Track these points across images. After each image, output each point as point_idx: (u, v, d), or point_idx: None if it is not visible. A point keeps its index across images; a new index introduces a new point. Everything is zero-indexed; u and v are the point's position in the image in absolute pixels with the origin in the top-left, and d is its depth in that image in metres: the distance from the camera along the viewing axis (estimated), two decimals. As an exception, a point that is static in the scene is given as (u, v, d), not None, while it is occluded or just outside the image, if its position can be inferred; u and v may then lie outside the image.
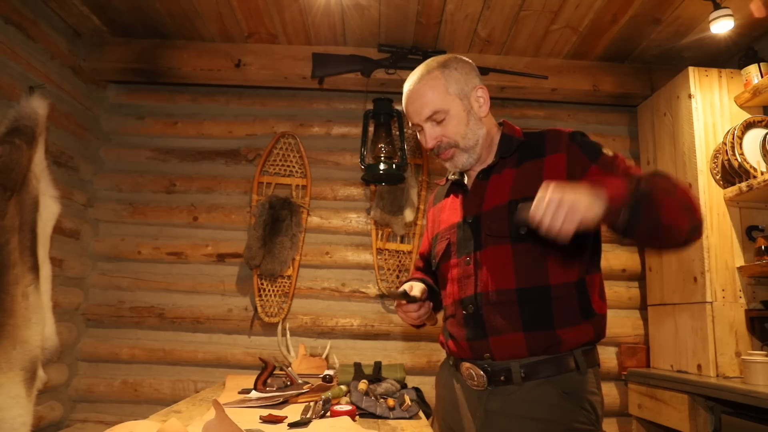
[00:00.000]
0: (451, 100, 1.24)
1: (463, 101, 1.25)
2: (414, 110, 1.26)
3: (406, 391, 1.86)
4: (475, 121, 1.26)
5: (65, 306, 2.62)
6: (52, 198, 2.16)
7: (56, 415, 2.57)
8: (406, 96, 1.28)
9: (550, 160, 1.20)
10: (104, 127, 2.97)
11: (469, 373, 1.24)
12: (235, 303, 2.83)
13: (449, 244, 1.31)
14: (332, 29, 2.65)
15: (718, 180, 2.39)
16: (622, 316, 2.85)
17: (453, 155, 1.27)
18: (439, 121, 1.24)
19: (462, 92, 1.25)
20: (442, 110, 1.23)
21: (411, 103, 1.27)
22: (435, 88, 1.23)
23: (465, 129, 1.25)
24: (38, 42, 2.38)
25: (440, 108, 1.23)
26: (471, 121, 1.25)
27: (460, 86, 1.25)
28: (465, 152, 1.26)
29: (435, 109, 1.23)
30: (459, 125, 1.24)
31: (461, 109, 1.24)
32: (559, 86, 2.83)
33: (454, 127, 1.24)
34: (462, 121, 1.24)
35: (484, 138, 1.28)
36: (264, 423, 1.40)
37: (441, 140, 1.25)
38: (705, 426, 2.11)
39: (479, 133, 1.27)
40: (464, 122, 1.25)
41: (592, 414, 1.16)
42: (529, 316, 1.16)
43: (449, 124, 1.24)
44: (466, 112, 1.25)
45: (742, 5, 2.29)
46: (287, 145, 2.97)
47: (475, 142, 1.26)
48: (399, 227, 2.81)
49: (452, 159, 1.28)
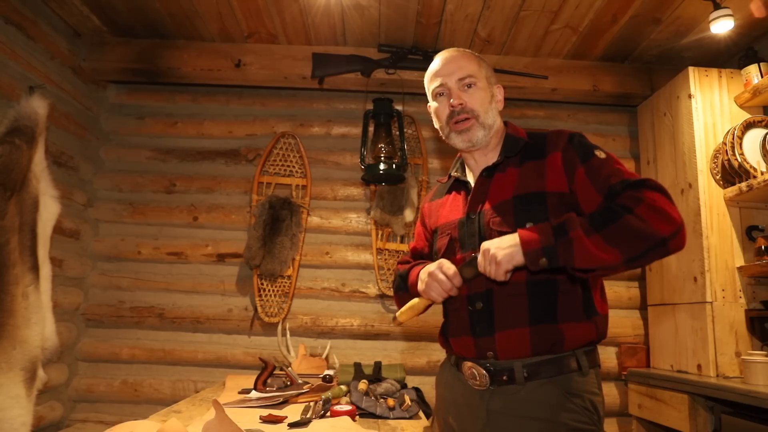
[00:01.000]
0: (482, 75, 1.33)
1: (490, 86, 1.34)
2: (447, 70, 1.32)
3: (406, 391, 1.86)
4: (494, 108, 1.34)
5: (65, 306, 2.62)
6: (52, 198, 2.16)
7: (56, 415, 2.57)
8: (442, 60, 1.35)
9: (551, 158, 1.23)
10: (104, 127, 2.97)
11: (471, 373, 1.23)
12: (235, 303, 2.83)
13: (452, 240, 1.31)
14: (332, 29, 2.65)
15: (718, 180, 2.39)
16: (622, 316, 2.85)
17: (471, 126, 1.29)
18: (468, 86, 1.30)
19: (490, 79, 1.35)
20: (475, 76, 1.30)
21: (446, 64, 1.33)
22: (471, 60, 1.33)
23: (487, 106, 1.31)
24: (38, 42, 2.38)
25: (474, 74, 1.30)
26: (492, 104, 1.33)
27: (489, 73, 1.36)
28: (482, 128, 1.30)
29: (470, 73, 1.30)
30: (484, 99, 1.31)
31: (487, 89, 1.33)
32: (559, 86, 2.83)
33: (480, 99, 1.30)
34: (486, 98, 1.32)
35: (496, 130, 1.33)
36: (264, 423, 1.40)
37: (465, 104, 1.29)
38: (705, 426, 2.11)
39: (496, 120, 1.34)
40: (488, 100, 1.32)
41: (594, 414, 1.17)
42: (536, 310, 1.17)
43: (476, 94, 1.30)
44: (491, 95, 1.34)
45: (742, 5, 2.29)
46: (287, 145, 2.97)
47: (493, 122, 1.32)
48: (399, 227, 2.81)
49: (469, 131, 1.29)
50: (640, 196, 1.08)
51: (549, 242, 1.07)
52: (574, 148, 1.22)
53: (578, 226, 1.07)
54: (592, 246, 1.05)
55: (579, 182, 1.18)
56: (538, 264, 1.08)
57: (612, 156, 1.21)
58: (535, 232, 1.10)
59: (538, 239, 1.08)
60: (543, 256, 1.07)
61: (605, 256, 1.05)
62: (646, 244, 1.05)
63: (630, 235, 1.05)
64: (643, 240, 1.05)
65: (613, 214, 1.07)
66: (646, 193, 1.08)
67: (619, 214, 1.07)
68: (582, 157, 1.20)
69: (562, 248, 1.06)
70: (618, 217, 1.06)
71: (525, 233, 1.11)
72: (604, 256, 1.05)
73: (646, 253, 1.06)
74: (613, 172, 1.16)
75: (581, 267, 1.06)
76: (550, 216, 1.17)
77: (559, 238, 1.07)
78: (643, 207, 1.06)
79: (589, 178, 1.17)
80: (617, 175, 1.15)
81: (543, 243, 1.07)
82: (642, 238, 1.05)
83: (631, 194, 1.09)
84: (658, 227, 1.05)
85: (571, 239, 1.06)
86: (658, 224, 1.05)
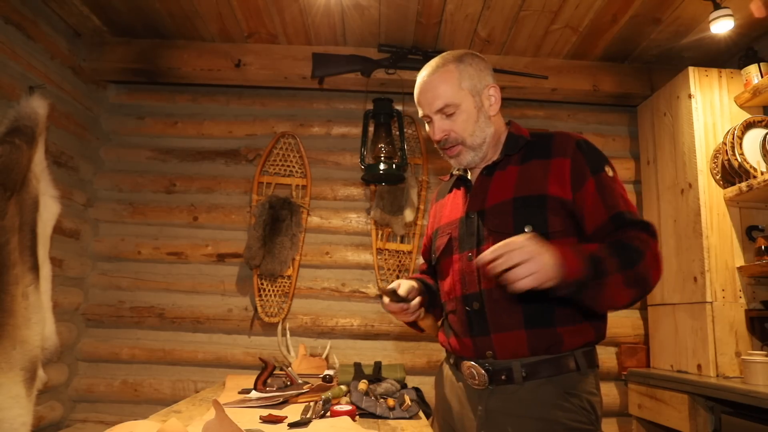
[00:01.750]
0: (464, 95, 1.25)
1: (475, 98, 1.26)
2: (425, 101, 1.27)
3: (406, 391, 1.86)
4: (484, 119, 1.27)
5: (65, 306, 2.62)
6: (52, 198, 2.16)
7: (56, 415, 2.57)
8: (419, 86, 1.29)
9: (556, 162, 1.21)
10: (104, 127, 2.97)
11: (470, 372, 1.24)
12: (235, 303, 2.83)
13: (450, 239, 1.31)
14: (332, 29, 2.65)
15: (718, 180, 2.39)
16: (622, 316, 2.85)
17: (459, 153, 1.28)
18: (449, 115, 1.25)
19: (474, 88, 1.26)
20: (453, 104, 1.24)
21: (423, 94, 1.28)
22: (448, 81, 1.25)
23: (473, 126, 1.26)
24: (38, 42, 2.38)
25: (452, 101, 1.24)
26: (480, 118, 1.27)
27: (473, 82, 1.26)
28: (471, 150, 1.27)
29: (446, 102, 1.24)
30: (468, 121, 1.25)
31: (472, 106, 1.26)
32: (559, 86, 2.83)
33: (463, 122, 1.25)
34: (471, 118, 1.26)
35: (492, 137, 1.29)
36: (264, 423, 1.40)
37: (449, 134, 1.26)
38: (705, 426, 2.11)
39: (487, 131, 1.28)
40: (473, 119, 1.26)
41: (592, 414, 1.17)
42: (531, 313, 1.17)
43: (458, 119, 1.25)
44: (477, 109, 1.26)
45: (742, 5, 2.29)
46: (287, 145, 2.97)
47: (482, 140, 1.27)
48: (399, 227, 2.81)
49: (458, 156, 1.28)
50: (648, 241, 1.10)
51: (584, 276, 1.03)
52: (585, 158, 1.20)
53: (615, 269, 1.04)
54: (615, 290, 1.06)
55: (588, 193, 1.16)
56: (562, 292, 1.04)
57: (617, 177, 1.22)
58: (576, 261, 1.03)
59: (580, 270, 1.02)
60: (573, 287, 1.03)
61: (619, 299, 1.08)
62: (644, 292, 1.10)
63: (640, 281, 1.08)
64: (644, 288, 1.09)
65: (633, 257, 1.07)
66: (650, 240, 1.11)
67: (637, 259, 1.07)
68: (593, 168, 1.19)
69: (592, 290, 1.04)
70: (637, 263, 1.07)
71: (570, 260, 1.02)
72: (618, 299, 1.08)
73: (638, 298, 1.11)
74: (622, 199, 1.17)
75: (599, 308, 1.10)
76: (549, 220, 1.17)
77: (592, 277, 1.03)
78: (650, 254, 1.09)
79: (599, 193, 1.16)
80: (625, 203, 1.17)
81: (579, 276, 1.02)
82: (644, 286, 1.09)
83: (640, 236, 1.11)
84: (654, 277, 1.10)
85: (604, 284, 1.04)
86: (655, 274, 1.10)
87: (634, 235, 1.10)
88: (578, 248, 1.08)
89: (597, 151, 1.23)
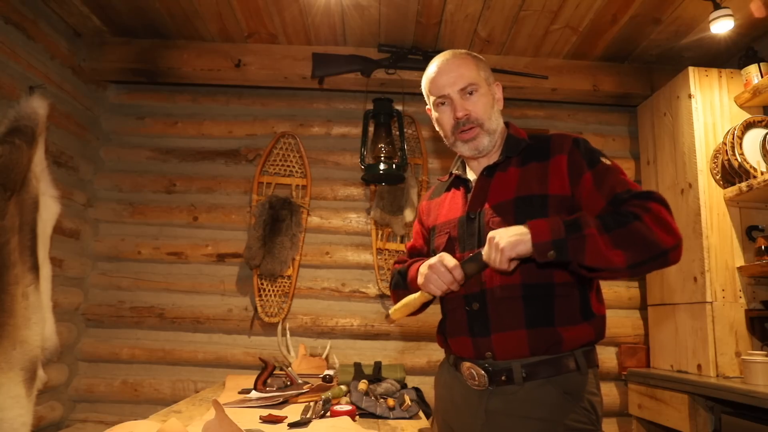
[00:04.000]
0: (482, 81, 1.30)
1: (490, 87, 1.32)
2: (447, 81, 1.29)
3: (406, 391, 1.86)
4: (497, 110, 1.33)
5: (65, 306, 2.62)
6: (52, 198, 2.16)
7: (56, 415, 2.57)
8: (439, 68, 1.31)
9: (555, 161, 1.22)
10: (104, 127, 2.97)
11: (470, 373, 1.23)
12: (235, 303, 2.83)
13: (450, 239, 1.31)
14: (332, 29, 2.65)
15: (718, 180, 2.39)
16: (622, 316, 2.85)
17: (477, 135, 1.28)
18: (470, 94, 1.28)
19: (488, 79, 1.32)
20: (476, 84, 1.28)
21: (444, 74, 1.29)
22: (469, 66, 1.30)
23: (491, 111, 1.30)
24: (38, 42, 2.38)
25: (475, 81, 1.28)
26: (495, 107, 1.32)
27: (487, 73, 1.33)
28: (488, 135, 1.29)
29: (471, 81, 1.28)
30: (487, 105, 1.30)
31: (489, 93, 1.31)
32: (559, 86, 2.83)
33: (483, 105, 1.29)
34: (489, 103, 1.30)
35: (501, 131, 1.33)
36: (264, 423, 1.40)
37: (470, 114, 1.28)
38: (705, 426, 2.11)
39: (499, 122, 1.33)
40: (491, 105, 1.31)
41: (592, 414, 1.17)
42: (532, 313, 1.17)
43: (479, 101, 1.28)
44: (492, 97, 1.32)
45: (742, 5, 2.29)
46: (287, 145, 2.97)
47: (497, 127, 1.31)
48: (399, 227, 2.81)
49: (475, 139, 1.29)
50: (646, 205, 1.09)
51: (559, 236, 1.06)
52: (581, 153, 1.21)
53: (592, 224, 1.07)
54: (603, 245, 1.05)
55: (585, 186, 1.18)
56: (546, 256, 1.06)
57: (615, 165, 1.22)
58: (545, 224, 1.08)
59: (548, 231, 1.07)
60: (552, 248, 1.06)
61: (613, 257, 1.05)
62: (650, 252, 1.06)
63: (637, 240, 1.06)
64: (647, 248, 1.06)
65: (623, 218, 1.07)
66: (652, 204, 1.09)
67: (628, 219, 1.07)
68: (589, 162, 1.20)
69: (572, 243, 1.05)
70: (627, 222, 1.07)
71: (535, 224, 1.09)
72: (613, 257, 1.05)
73: (648, 261, 1.07)
74: (619, 181, 1.16)
75: (590, 264, 1.06)
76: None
77: (571, 233, 1.06)
78: (649, 216, 1.07)
79: (595, 184, 1.17)
80: (623, 184, 1.16)
81: (554, 236, 1.06)
82: (647, 246, 1.06)
83: (638, 203, 1.10)
84: (662, 238, 1.06)
85: (585, 236, 1.05)
86: (663, 235, 1.06)
87: (631, 204, 1.10)
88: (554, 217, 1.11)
89: (593, 148, 1.25)
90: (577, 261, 1.06)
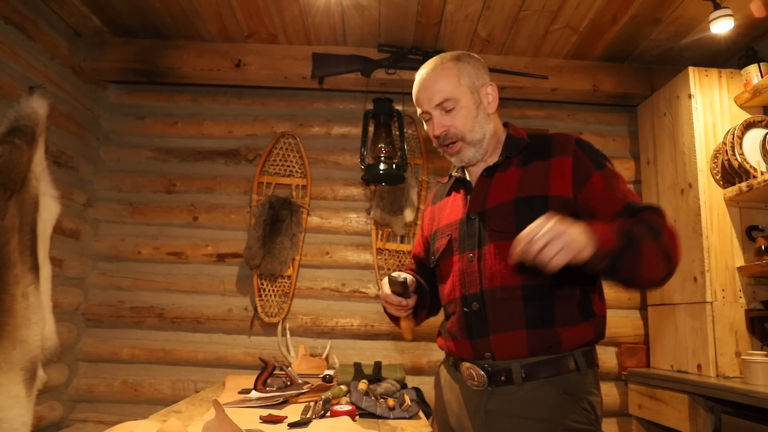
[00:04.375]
0: (463, 92, 1.26)
1: (473, 94, 1.28)
2: (425, 97, 1.28)
3: (406, 391, 1.86)
4: (483, 116, 1.28)
5: (65, 306, 2.62)
6: (52, 198, 2.16)
7: (56, 415, 2.57)
8: (418, 83, 1.30)
9: (557, 161, 1.21)
10: (104, 127, 2.97)
11: (470, 373, 1.24)
12: (235, 303, 2.83)
13: (451, 240, 1.31)
14: (332, 29, 2.65)
15: (718, 180, 2.39)
16: (622, 316, 2.85)
17: (460, 149, 1.28)
18: (448, 110, 1.26)
19: (473, 85, 1.28)
20: (452, 98, 1.25)
21: (423, 90, 1.29)
22: (448, 78, 1.26)
23: (473, 122, 1.27)
24: (38, 42, 2.38)
25: (451, 96, 1.25)
26: (479, 115, 1.28)
27: (471, 79, 1.28)
28: (472, 146, 1.28)
29: (446, 97, 1.25)
30: (467, 117, 1.26)
31: (471, 102, 1.27)
32: (559, 86, 2.83)
33: (462, 118, 1.26)
34: (470, 114, 1.26)
35: (491, 135, 1.30)
36: (264, 423, 1.40)
37: (448, 130, 1.26)
38: (705, 426, 2.11)
39: (487, 128, 1.29)
40: (472, 115, 1.27)
41: (592, 414, 1.17)
42: (532, 314, 1.17)
43: (458, 115, 1.26)
44: (476, 105, 1.27)
45: (742, 5, 2.29)
46: (287, 145, 2.97)
47: (482, 136, 1.28)
48: (399, 227, 2.81)
49: (459, 153, 1.28)
50: (662, 221, 1.09)
51: (618, 244, 1.00)
52: (587, 155, 1.21)
53: (647, 236, 1.03)
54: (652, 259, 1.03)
55: (596, 188, 1.16)
56: (599, 264, 1.00)
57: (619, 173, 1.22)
58: (607, 230, 1.01)
59: (612, 239, 1.00)
60: (608, 257, 0.99)
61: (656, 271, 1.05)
62: (671, 267, 1.07)
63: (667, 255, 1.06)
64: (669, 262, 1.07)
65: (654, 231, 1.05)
66: (665, 221, 1.10)
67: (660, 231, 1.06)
68: (596, 164, 1.19)
69: (629, 259, 1.01)
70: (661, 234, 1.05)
71: (600, 229, 1.00)
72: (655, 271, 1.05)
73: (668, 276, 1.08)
74: (628, 192, 1.17)
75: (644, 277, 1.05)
76: None
77: (626, 245, 1.01)
78: (668, 232, 1.07)
79: (608, 185, 1.16)
80: (632, 196, 1.16)
81: (613, 243, 1.00)
82: (668, 261, 1.06)
83: (654, 217, 1.10)
84: (676, 255, 1.07)
85: (641, 253, 1.02)
86: (676, 252, 1.07)
87: (648, 216, 1.10)
88: (604, 222, 1.07)
89: (596, 149, 1.24)
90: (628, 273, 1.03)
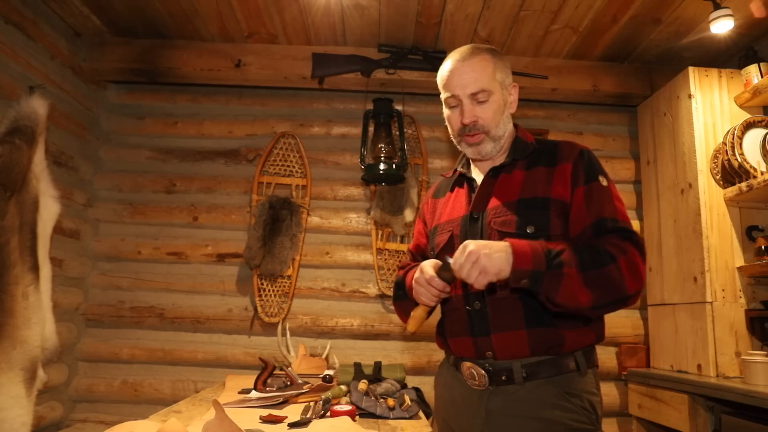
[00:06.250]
0: (496, 86, 1.27)
1: (503, 91, 1.29)
2: (460, 82, 1.26)
3: (406, 391, 1.86)
4: (507, 114, 1.31)
5: (65, 306, 2.62)
6: (52, 198, 2.16)
7: (56, 415, 2.57)
8: (453, 67, 1.28)
9: (561, 168, 1.23)
10: (104, 127, 2.97)
11: (470, 373, 1.24)
12: (235, 303, 2.83)
13: (452, 237, 1.31)
14: (332, 29, 2.65)
15: (718, 180, 2.39)
16: (622, 316, 2.85)
17: (482, 141, 1.28)
18: (480, 101, 1.25)
19: (503, 82, 1.30)
20: (487, 90, 1.25)
21: (458, 76, 1.26)
22: (485, 69, 1.26)
23: (500, 118, 1.28)
24: (38, 42, 2.38)
25: (487, 88, 1.25)
26: (505, 112, 1.30)
27: (503, 76, 1.29)
28: (492, 141, 1.28)
29: (482, 88, 1.25)
30: (497, 112, 1.27)
31: (500, 98, 1.28)
32: (559, 86, 2.83)
33: (493, 112, 1.26)
34: (499, 109, 1.28)
35: (509, 134, 1.32)
36: (264, 423, 1.40)
37: (477, 121, 1.26)
38: (705, 426, 2.11)
39: (507, 126, 1.31)
40: (501, 111, 1.28)
41: (592, 414, 1.17)
42: (533, 314, 1.17)
43: (489, 108, 1.26)
44: (504, 102, 1.29)
45: (742, 5, 2.29)
46: (287, 145, 2.97)
47: (503, 133, 1.30)
48: (399, 227, 2.80)
49: (479, 144, 1.28)
50: (624, 247, 1.10)
51: (540, 267, 1.06)
52: (584, 165, 1.22)
53: (573, 264, 1.06)
54: (576, 284, 1.06)
55: (575, 200, 1.19)
56: (519, 283, 1.07)
57: (612, 187, 1.22)
58: (529, 251, 1.07)
59: (531, 259, 1.06)
60: (528, 278, 1.06)
61: (581, 297, 1.07)
62: (615, 296, 1.09)
63: (607, 284, 1.07)
64: (614, 291, 1.08)
65: (600, 257, 1.08)
66: (629, 247, 1.11)
67: (605, 260, 1.08)
68: (587, 177, 1.20)
69: (549, 279, 1.06)
70: (604, 264, 1.07)
71: (518, 246, 1.07)
72: (581, 296, 1.07)
73: (610, 304, 1.10)
74: (609, 206, 1.17)
75: (558, 301, 1.07)
76: (551, 222, 1.17)
77: (551, 268, 1.06)
78: (625, 260, 1.08)
79: (585, 201, 1.18)
80: (611, 210, 1.17)
81: (534, 266, 1.06)
82: (614, 290, 1.08)
83: (617, 243, 1.11)
84: (629, 284, 1.08)
85: (563, 275, 1.06)
86: (630, 281, 1.08)
87: (611, 242, 1.11)
88: (538, 243, 1.09)
89: (597, 163, 1.25)
90: (546, 295, 1.07)
